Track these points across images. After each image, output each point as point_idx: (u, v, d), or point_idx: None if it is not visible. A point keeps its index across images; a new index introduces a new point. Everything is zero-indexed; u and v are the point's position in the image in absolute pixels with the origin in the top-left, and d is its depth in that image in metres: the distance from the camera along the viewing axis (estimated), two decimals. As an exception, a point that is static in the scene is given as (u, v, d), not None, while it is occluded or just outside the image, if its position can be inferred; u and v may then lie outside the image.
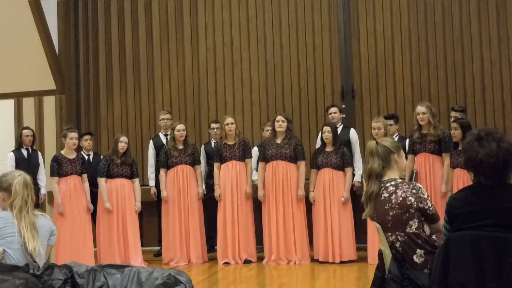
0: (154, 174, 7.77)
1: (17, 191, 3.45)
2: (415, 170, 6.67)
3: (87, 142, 7.92)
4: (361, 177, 7.14)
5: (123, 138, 7.42)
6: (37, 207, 7.13)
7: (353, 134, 7.52)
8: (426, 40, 8.35)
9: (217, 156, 7.45)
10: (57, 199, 7.13)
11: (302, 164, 7.24)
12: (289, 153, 7.19)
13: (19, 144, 7.84)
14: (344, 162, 7.12)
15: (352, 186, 7.23)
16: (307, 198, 7.24)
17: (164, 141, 7.91)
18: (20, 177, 3.51)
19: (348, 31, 8.51)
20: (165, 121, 7.99)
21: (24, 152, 7.84)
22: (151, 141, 8.09)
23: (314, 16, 8.65)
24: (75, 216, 7.15)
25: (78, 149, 7.57)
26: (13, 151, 7.82)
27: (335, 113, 7.54)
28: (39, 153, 8.11)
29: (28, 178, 3.55)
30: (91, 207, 7.29)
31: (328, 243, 7.00)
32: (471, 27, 8.23)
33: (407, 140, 7.08)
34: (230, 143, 7.42)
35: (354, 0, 8.55)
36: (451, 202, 2.99)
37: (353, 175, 7.24)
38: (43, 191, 7.86)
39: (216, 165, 7.45)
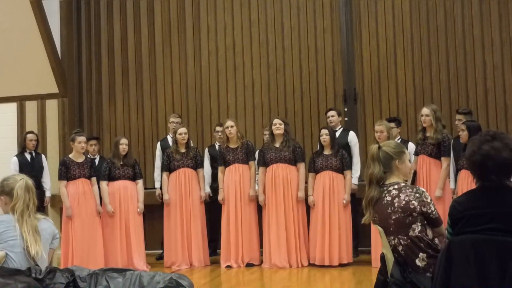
0: (160, 176, 7.78)
1: (18, 195, 3.46)
2: (415, 171, 6.70)
3: (92, 147, 7.96)
4: (358, 180, 7.16)
5: (123, 140, 7.43)
6: (42, 210, 7.17)
7: (352, 137, 7.51)
8: (428, 44, 8.35)
9: (220, 160, 7.46)
10: (66, 203, 7.14)
11: (302, 166, 7.24)
12: (288, 155, 7.19)
13: (22, 148, 7.86)
14: (343, 165, 7.12)
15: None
16: (306, 201, 7.23)
17: (171, 143, 7.91)
18: (21, 181, 3.51)
19: (350, 35, 8.51)
20: (175, 124, 8.00)
21: (28, 156, 7.86)
22: (158, 143, 8.12)
23: (316, 20, 8.65)
24: (84, 219, 7.15)
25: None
26: (16, 155, 7.84)
27: (332, 116, 7.55)
28: (43, 156, 8.12)
29: (29, 182, 3.55)
30: (101, 210, 7.28)
31: (325, 246, 6.99)
32: (473, 30, 8.23)
33: (409, 144, 7.09)
34: (233, 146, 7.42)
35: (356, 3, 8.55)
36: (454, 205, 3.00)
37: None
38: (48, 194, 7.89)
39: (220, 169, 7.45)
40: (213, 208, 7.68)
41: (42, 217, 3.57)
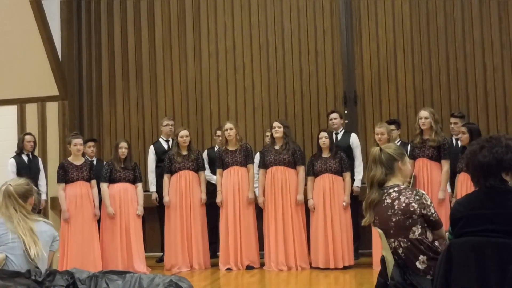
0: (155, 180, 7.78)
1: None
2: (413, 175, 6.69)
3: (90, 148, 7.97)
4: (361, 182, 7.15)
5: (123, 144, 7.44)
6: (39, 213, 7.15)
7: (354, 139, 7.52)
8: (428, 46, 8.35)
9: (219, 162, 7.45)
10: (63, 206, 7.15)
11: (301, 169, 7.23)
12: (287, 158, 7.19)
13: (20, 150, 7.85)
14: (342, 167, 7.12)
15: (352, 191, 7.22)
16: (305, 204, 7.22)
17: (165, 146, 7.92)
18: (3, 187, 3.50)
19: (350, 37, 8.52)
20: (170, 127, 8.00)
21: (25, 158, 7.84)
22: (151, 146, 8.08)
23: (317, 22, 8.66)
24: (81, 222, 7.15)
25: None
26: (14, 157, 7.82)
27: (335, 119, 7.55)
28: (39, 159, 8.11)
29: (10, 188, 3.48)
30: (98, 213, 7.30)
31: (329, 249, 6.98)
32: (473, 32, 8.23)
33: (408, 146, 7.08)
34: (232, 148, 7.42)
35: (356, 5, 8.56)
36: (455, 206, 3.02)
37: (353, 180, 7.24)
38: (43, 197, 7.86)
39: (218, 171, 7.45)
40: (210, 211, 7.66)
41: (41, 219, 3.56)
